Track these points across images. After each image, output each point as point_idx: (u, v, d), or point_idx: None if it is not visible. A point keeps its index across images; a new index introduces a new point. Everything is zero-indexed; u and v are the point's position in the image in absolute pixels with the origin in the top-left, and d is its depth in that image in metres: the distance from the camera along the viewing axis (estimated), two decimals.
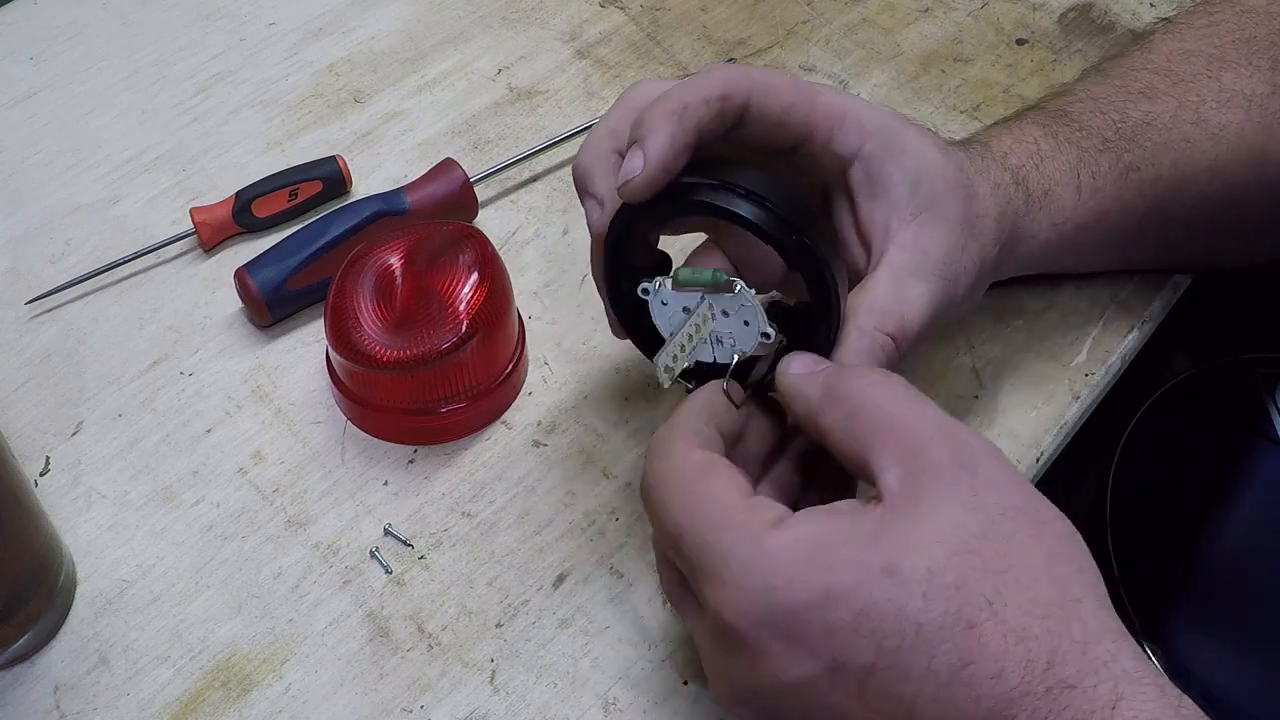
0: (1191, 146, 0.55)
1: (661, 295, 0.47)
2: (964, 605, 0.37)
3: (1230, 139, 0.55)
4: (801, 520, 0.40)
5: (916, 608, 0.37)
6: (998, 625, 0.37)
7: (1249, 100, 0.55)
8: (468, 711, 0.49)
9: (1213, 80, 0.56)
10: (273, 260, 0.61)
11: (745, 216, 0.43)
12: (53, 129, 0.72)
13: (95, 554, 0.54)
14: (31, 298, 0.63)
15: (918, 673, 0.37)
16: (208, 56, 0.76)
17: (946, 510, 0.39)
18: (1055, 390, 0.58)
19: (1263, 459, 0.71)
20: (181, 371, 0.61)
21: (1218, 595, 0.67)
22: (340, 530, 0.55)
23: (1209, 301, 0.66)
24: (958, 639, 0.37)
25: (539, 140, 0.68)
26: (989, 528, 0.39)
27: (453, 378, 0.56)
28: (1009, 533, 0.39)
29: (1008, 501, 0.39)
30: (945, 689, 0.37)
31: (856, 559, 0.38)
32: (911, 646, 0.37)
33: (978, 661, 0.37)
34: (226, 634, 0.52)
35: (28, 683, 0.50)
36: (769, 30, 0.76)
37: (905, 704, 0.37)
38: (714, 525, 0.40)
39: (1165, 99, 0.56)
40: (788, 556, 0.39)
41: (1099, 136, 0.56)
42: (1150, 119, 0.56)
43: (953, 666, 0.37)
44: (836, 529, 0.39)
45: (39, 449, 0.58)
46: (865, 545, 0.38)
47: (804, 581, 0.38)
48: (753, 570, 0.39)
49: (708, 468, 0.42)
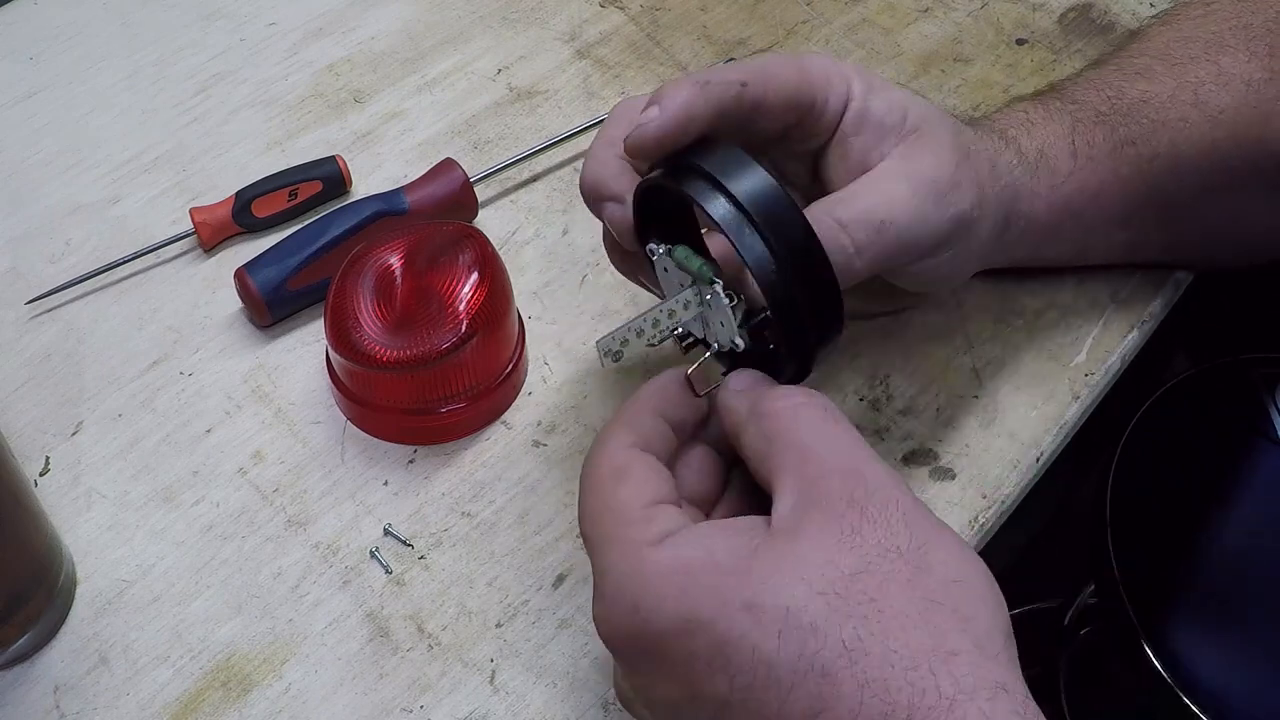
0: (1189, 127, 0.55)
1: (664, 262, 0.46)
2: (820, 650, 0.36)
3: (1228, 123, 0.55)
4: (684, 541, 0.40)
5: (770, 647, 0.36)
6: (854, 675, 0.36)
7: (1247, 85, 0.55)
8: (468, 711, 0.49)
9: (1211, 63, 0.56)
10: (273, 260, 0.61)
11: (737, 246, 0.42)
12: (53, 129, 0.72)
13: (95, 554, 0.54)
14: (31, 298, 0.63)
15: (770, 713, 0.36)
16: (208, 56, 0.76)
17: (822, 545, 0.38)
18: (1055, 390, 0.58)
19: (1263, 459, 0.71)
20: (181, 371, 0.61)
21: (1218, 595, 0.68)
22: (340, 530, 0.55)
23: (1209, 301, 0.66)
24: (810, 685, 0.36)
25: (539, 140, 0.68)
26: (863, 568, 0.37)
27: (453, 378, 0.56)
28: (885, 574, 0.37)
29: (891, 543, 0.38)
30: None
31: (721, 590, 0.38)
32: (763, 685, 0.36)
33: (829, 710, 0.35)
34: (226, 634, 0.52)
35: (28, 683, 0.50)
36: (769, 30, 0.76)
37: None
38: (606, 535, 0.41)
39: (1162, 80, 0.56)
40: (657, 581, 0.39)
41: (1093, 109, 0.55)
42: (1147, 97, 0.55)
43: (805, 713, 0.36)
44: (711, 555, 0.39)
45: (39, 449, 0.58)
46: (733, 575, 0.38)
47: (668, 608, 0.38)
48: (624, 588, 0.39)
49: (621, 472, 0.42)
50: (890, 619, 0.36)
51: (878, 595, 0.37)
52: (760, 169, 0.43)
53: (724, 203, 0.42)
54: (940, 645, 0.36)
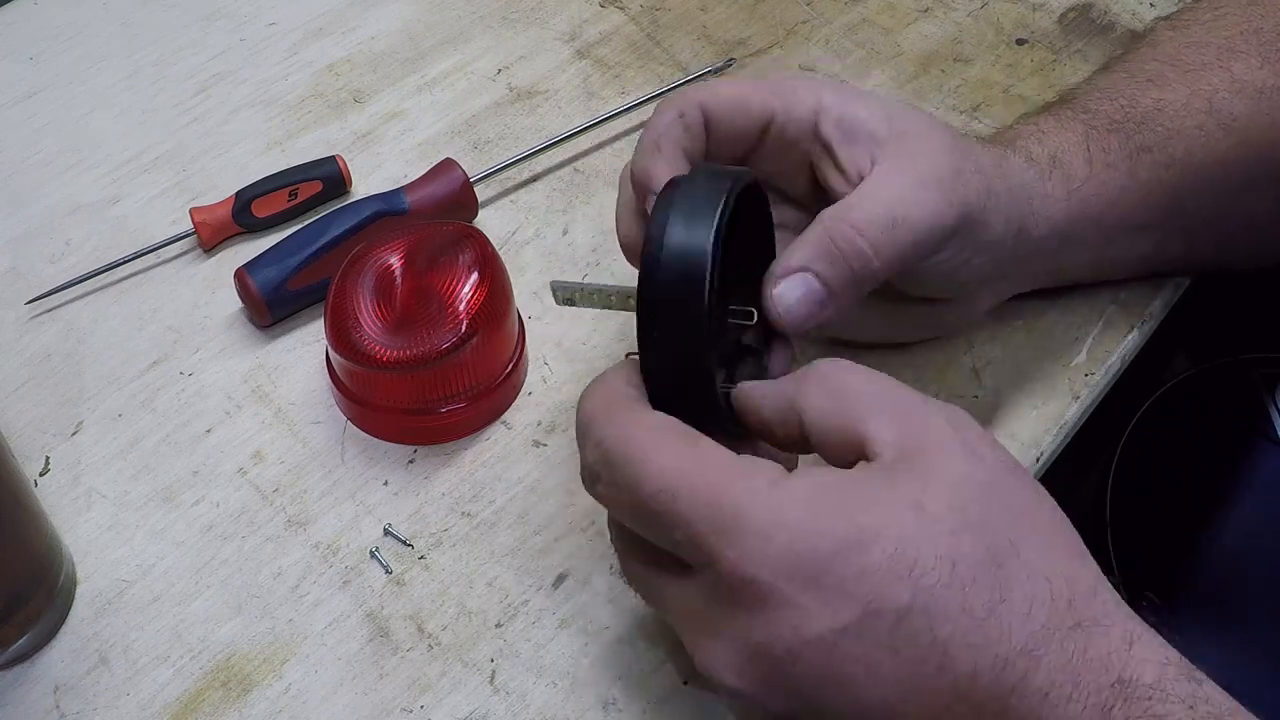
0: (1205, 135, 0.55)
1: None
2: (991, 544, 0.37)
3: (1241, 130, 0.55)
4: (810, 471, 0.39)
5: (948, 543, 0.37)
6: (1022, 565, 0.37)
7: (1260, 92, 0.55)
8: (468, 711, 0.49)
9: (1223, 70, 0.56)
10: (273, 260, 0.61)
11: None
12: (53, 129, 0.72)
13: (95, 554, 0.54)
14: (31, 298, 0.63)
15: (954, 611, 0.36)
16: (208, 56, 0.76)
17: (952, 460, 0.39)
18: (1055, 390, 0.58)
19: (1263, 459, 0.71)
20: (181, 371, 0.61)
21: (1218, 595, 0.68)
22: (340, 530, 0.55)
23: (1209, 301, 0.66)
24: (988, 577, 0.37)
25: (539, 140, 0.68)
26: (994, 479, 0.39)
27: (453, 378, 0.56)
28: (1012, 486, 0.39)
29: (1004, 459, 0.40)
30: (979, 628, 0.36)
31: (882, 499, 0.38)
32: (946, 584, 0.36)
33: (1008, 600, 0.37)
34: (226, 634, 0.52)
35: (28, 683, 0.50)
36: (769, 30, 0.76)
37: (938, 648, 0.36)
38: (720, 479, 0.39)
39: (1175, 87, 0.56)
40: (813, 500, 0.38)
41: (1106, 118, 0.55)
42: (1160, 105, 0.55)
43: (987, 604, 0.36)
44: (852, 476, 0.39)
45: (39, 449, 0.58)
46: (886, 487, 0.38)
47: (834, 523, 0.37)
48: (778, 516, 0.38)
49: (684, 429, 0.41)
50: (1031, 520, 0.39)
51: (1014, 501, 0.39)
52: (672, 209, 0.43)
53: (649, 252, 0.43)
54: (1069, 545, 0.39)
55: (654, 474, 0.40)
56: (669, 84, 0.71)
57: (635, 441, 0.41)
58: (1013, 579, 0.37)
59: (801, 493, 0.38)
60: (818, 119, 0.49)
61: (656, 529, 0.40)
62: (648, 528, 0.41)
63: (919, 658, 0.37)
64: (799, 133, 0.49)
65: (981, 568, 0.37)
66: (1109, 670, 0.36)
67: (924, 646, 0.36)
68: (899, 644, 0.37)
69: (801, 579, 0.37)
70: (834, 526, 0.37)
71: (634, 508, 0.41)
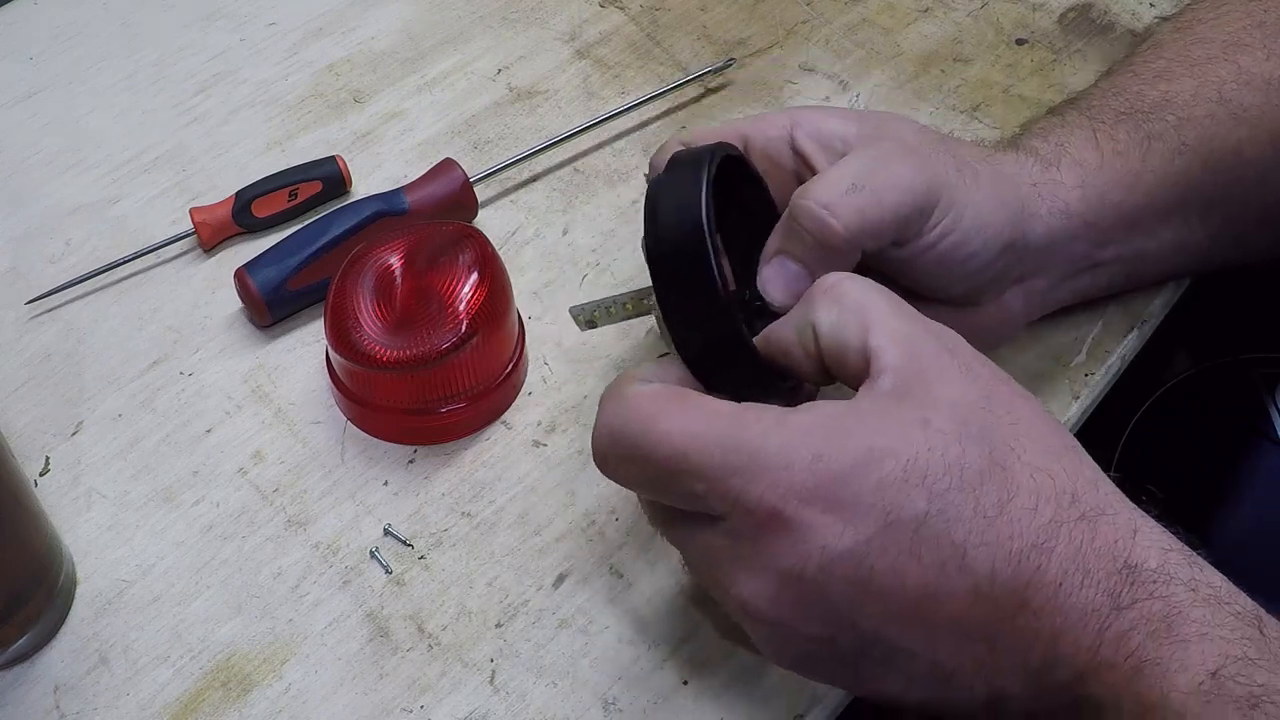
0: (1216, 124, 0.54)
1: None
2: (994, 449, 0.40)
3: (1253, 121, 0.54)
4: (815, 405, 0.41)
5: (956, 452, 0.39)
6: (1023, 465, 0.40)
7: (1268, 84, 0.55)
8: (468, 711, 0.49)
9: (1230, 63, 0.55)
10: (273, 260, 0.61)
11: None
12: (53, 129, 0.72)
13: (95, 554, 0.54)
14: (31, 298, 0.63)
15: (968, 514, 0.39)
16: (208, 56, 0.76)
17: (951, 380, 0.41)
18: (1055, 390, 0.58)
19: (1263, 459, 0.71)
20: (181, 371, 0.61)
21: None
22: (340, 530, 0.55)
23: (1209, 301, 0.66)
24: (995, 478, 0.39)
25: (539, 140, 0.68)
26: (990, 392, 0.41)
27: (453, 378, 0.56)
28: (1007, 397, 0.42)
29: (995, 374, 0.43)
30: (990, 528, 0.39)
31: (890, 419, 0.40)
32: (959, 488, 0.39)
33: (1016, 498, 0.39)
34: (226, 634, 0.52)
35: (28, 683, 0.50)
36: (769, 30, 0.76)
37: (957, 551, 0.39)
38: (728, 427, 0.41)
39: (1183, 80, 0.55)
40: (824, 428, 0.40)
41: (1112, 111, 0.55)
42: (1169, 97, 0.55)
43: (997, 504, 0.39)
44: (856, 404, 0.41)
45: (39, 449, 0.58)
46: (892, 408, 0.40)
47: (847, 444, 0.39)
48: (792, 446, 0.40)
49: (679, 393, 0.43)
50: (1028, 426, 0.41)
51: (1011, 410, 0.41)
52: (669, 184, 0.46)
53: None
54: (1065, 444, 0.42)
55: (661, 441, 0.41)
56: (669, 84, 0.71)
57: (636, 416, 0.42)
58: (1018, 478, 0.39)
59: (810, 423, 0.40)
60: (792, 134, 0.51)
61: (676, 491, 0.42)
62: (667, 492, 0.43)
63: (940, 561, 0.39)
64: (778, 152, 0.51)
65: (989, 471, 0.39)
66: (1115, 558, 0.39)
67: (944, 549, 0.39)
68: (921, 550, 0.39)
69: (822, 501, 0.39)
70: (847, 448, 0.39)
71: (650, 478, 0.43)
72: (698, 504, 0.42)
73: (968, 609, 0.39)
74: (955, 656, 0.40)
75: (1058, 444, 0.41)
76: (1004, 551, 0.39)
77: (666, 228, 0.44)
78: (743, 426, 0.40)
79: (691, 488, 0.41)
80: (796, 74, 0.73)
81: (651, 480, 0.43)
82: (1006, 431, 0.40)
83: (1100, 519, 0.40)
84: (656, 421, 0.42)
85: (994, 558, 0.39)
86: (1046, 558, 0.39)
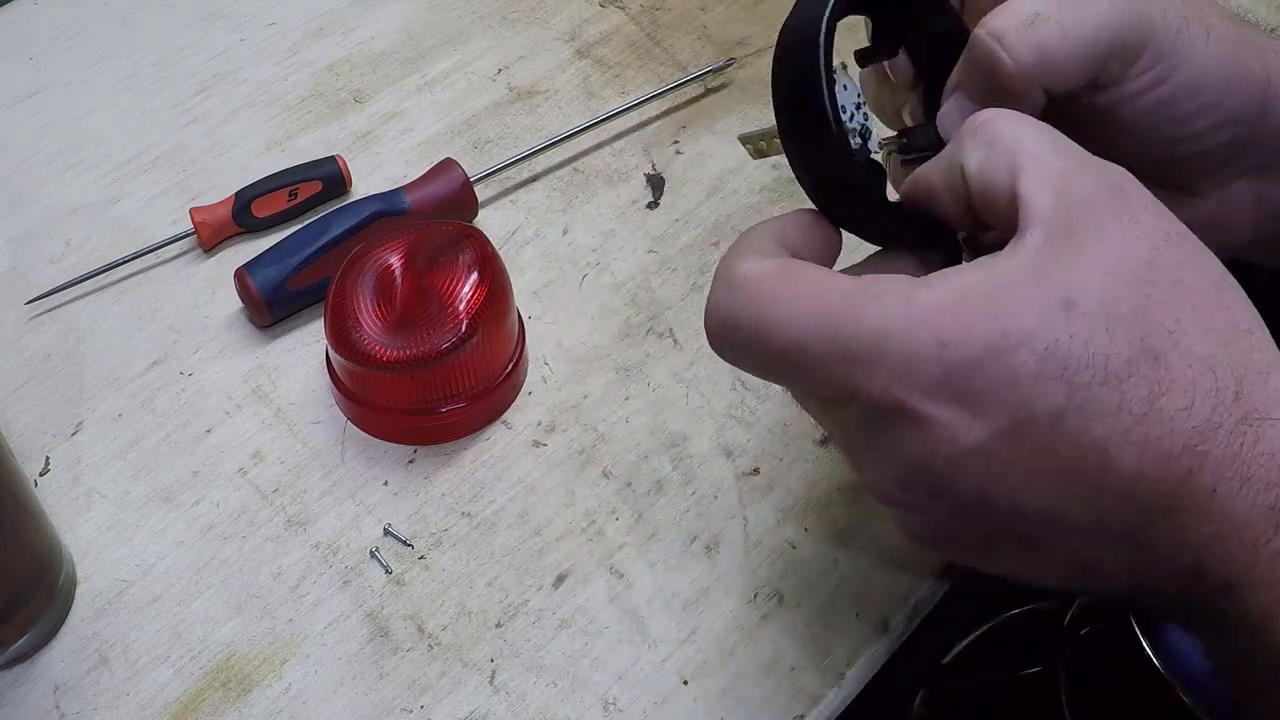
0: None
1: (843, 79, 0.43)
2: (1146, 335, 0.35)
3: None
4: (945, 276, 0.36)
5: (1101, 340, 0.35)
6: (1182, 355, 0.35)
7: None
8: (468, 711, 0.49)
9: None
10: (273, 260, 0.61)
11: None
12: (53, 129, 0.72)
13: (95, 554, 0.54)
14: (31, 298, 0.63)
15: (1110, 410, 0.35)
16: (208, 56, 0.76)
17: (1109, 237, 0.36)
18: None
19: None
20: (181, 371, 0.61)
21: None
22: (340, 530, 0.55)
23: None
24: (1145, 370, 0.35)
25: (539, 140, 0.68)
26: (1155, 254, 0.36)
27: (453, 378, 0.56)
28: (1176, 259, 0.36)
29: (1168, 227, 0.37)
30: (1138, 426, 0.35)
31: (1027, 298, 0.35)
32: (1101, 381, 0.34)
33: (1168, 393, 0.35)
34: (226, 634, 0.52)
35: (28, 683, 0.50)
36: (769, 30, 0.76)
37: (1098, 449, 0.35)
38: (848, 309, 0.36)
39: None
40: (951, 308, 0.35)
41: None
42: None
43: (1144, 400, 0.35)
44: (992, 273, 0.36)
45: (39, 449, 0.58)
46: (1031, 283, 0.35)
47: (977, 329, 0.35)
48: (916, 332, 0.35)
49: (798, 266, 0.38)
50: (1197, 299, 0.36)
51: (1178, 277, 0.36)
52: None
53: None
54: (1238, 324, 0.36)
55: (773, 331, 0.38)
56: (669, 84, 0.71)
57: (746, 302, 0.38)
58: (1172, 371, 0.35)
59: (938, 301, 0.36)
60: None
61: (794, 380, 0.39)
62: (786, 380, 0.40)
63: (1078, 460, 0.35)
64: None
65: (1138, 362, 0.35)
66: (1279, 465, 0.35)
67: (1083, 448, 0.35)
68: (1057, 447, 0.35)
69: (950, 392, 0.35)
70: (976, 334, 0.35)
71: (767, 367, 0.39)
72: (818, 392, 0.38)
73: (1109, 510, 0.36)
74: (1095, 553, 0.37)
75: (1225, 324, 0.36)
76: (1152, 452, 0.35)
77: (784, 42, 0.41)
78: (861, 308, 0.36)
79: (810, 378, 0.38)
80: None
81: (770, 370, 0.39)
82: (1165, 310, 0.35)
83: (1265, 422, 0.35)
84: (767, 308, 0.38)
85: (1140, 458, 0.35)
86: (1200, 461, 0.35)
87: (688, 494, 0.55)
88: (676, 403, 0.59)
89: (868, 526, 0.54)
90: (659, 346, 0.61)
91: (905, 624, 0.52)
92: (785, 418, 0.58)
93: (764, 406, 0.58)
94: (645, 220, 0.66)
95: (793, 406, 0.58)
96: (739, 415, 0.58)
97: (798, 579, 0.53)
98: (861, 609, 0.52)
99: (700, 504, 0.55)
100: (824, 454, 0.57)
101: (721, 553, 0.54)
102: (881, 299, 0.36)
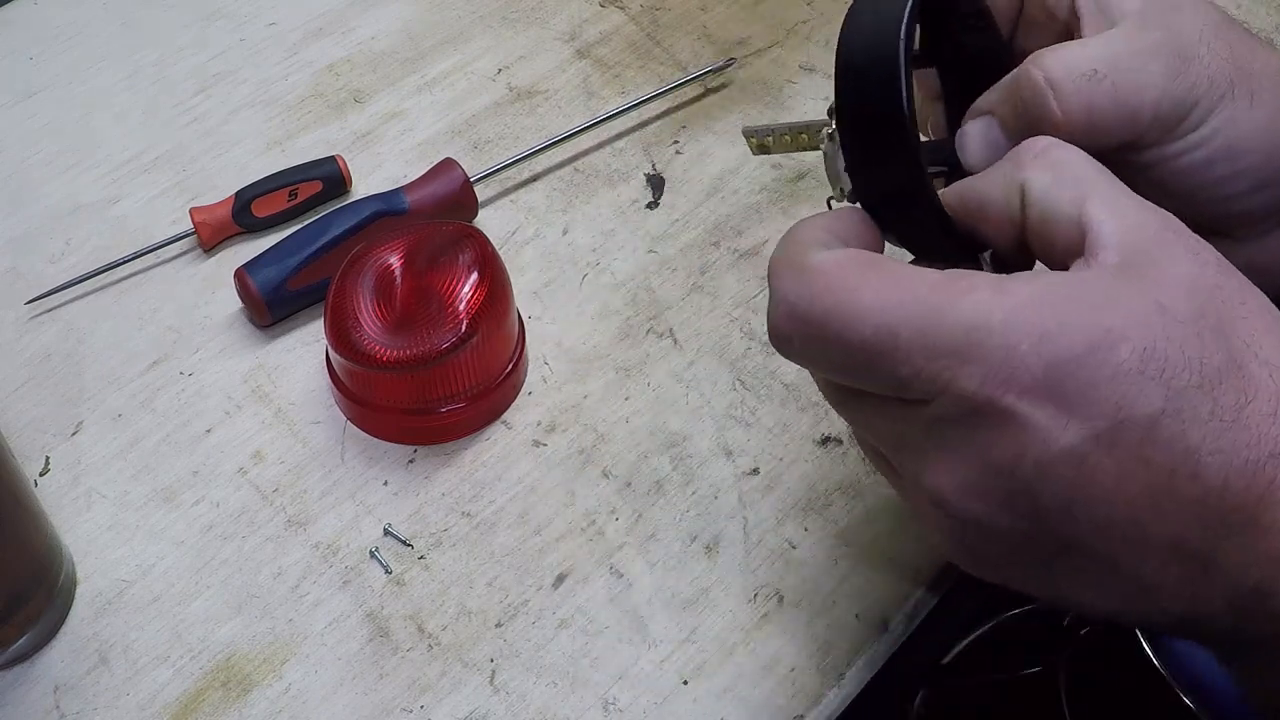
0: None
1: None
2: (1231, 343, 0.35)
3: None
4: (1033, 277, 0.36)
5: (1195, 346, 0.34)
6: (1262, 365, 0.35)
7: None
8: (468, 711, 0.49)
9: None
10: (273, 260, 0.61)
11: None
12: (53, 129, 0.72)
13: (95, 554, 0.54)
14: (31, 298, 0.63)
15: (1204, 416, 0.34)
16: (208, 56, 0.76)
17: (1179, 264, 0.36)
18: None
19: None
20: (181, 371, 0.61)
21: None
22: (340, 530, 0.55)
23: None
24: (1233, 379, 0.34)
25: (539, 140, 0.68)
26: (1220, 281, 0.36)
27: (453, 378, 0.56)
28: (1237, 286, 0.36)
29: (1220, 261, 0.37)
30: (1228, 433, 0.34)
31: (1124, 297, 0.34)
32: (1196, 386, 0.34)
33: (1254, 400, 0.34)
34: (226, 634, 0.52)
35: (28, 683, 0.50)
36: (769, 30, 0.76)
37: (1190, 456, 0.34)
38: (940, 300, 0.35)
39: None
40: (1049, 302, 0.34)
41: None
42: None
43: (1235, 406, 0.34)
44: (1081, 276, 0.35)
45: (39, 449, 0.58)
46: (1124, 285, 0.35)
47: (1079, 323, 0.34)
48: (1014, 324, 0.34)
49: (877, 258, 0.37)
50: (1261, 317, 0.36)
51: (1241, 300, 0.36)
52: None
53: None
54: None
55: (859, 321, 0.36)
56: (669, 84, 0.71)
57: (826, 290, 0.37)
58: (1256, 379, 0.35)
59: (1035, 295, 0.35)
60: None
61: (875, 373, 0.37)
62: (863, 375, 0.37)
63: (1171, 467, 0.34)
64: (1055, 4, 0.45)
65: (1226, 370, 0.34)
66: None
67: (1175, 455, 0.34)
68: (1151, 453, 0.34)
69: (1048, 390, 0.34)
70: (1078, 328, 0.34)
71: (845, 359, 0.37)
72: (898, 388, 0.37)
73: (1191, 521, 0.35)
74: (1161, 573, 0.36)
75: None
76: (1239, 460, 0.34)
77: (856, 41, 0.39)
78: (954, 300, 0.35)
79: (895, 372, 0.36)
80: (797, 74, 0.73)
81: (846, 363, 0.37)
82: (1243, 325, 0.35)
83: None
84: (850, 296, 0.36)
85: (1228, 467, 0.34)
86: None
87: (688, 494, 0.55)
88: (676, 403, 0.59)
89: (868, 526, 0.54)
90: (659, 346, 0.61)
91: (905, 624, 0.52)
92: (785, 418, 0.58)
93: (764, 406, 0.58)
94: (645, 220, 0.66)
95: (793, 406, 0.58)
96: (739, 415, 0.58)
97: (798, 579, 0.53)
98: (861, 609, 0.52)
99: (700, 504, 0.55)
100: (824, 454, 0.57)
101: (721, 553, 0.54)
102: (976, 289, 0.35)
